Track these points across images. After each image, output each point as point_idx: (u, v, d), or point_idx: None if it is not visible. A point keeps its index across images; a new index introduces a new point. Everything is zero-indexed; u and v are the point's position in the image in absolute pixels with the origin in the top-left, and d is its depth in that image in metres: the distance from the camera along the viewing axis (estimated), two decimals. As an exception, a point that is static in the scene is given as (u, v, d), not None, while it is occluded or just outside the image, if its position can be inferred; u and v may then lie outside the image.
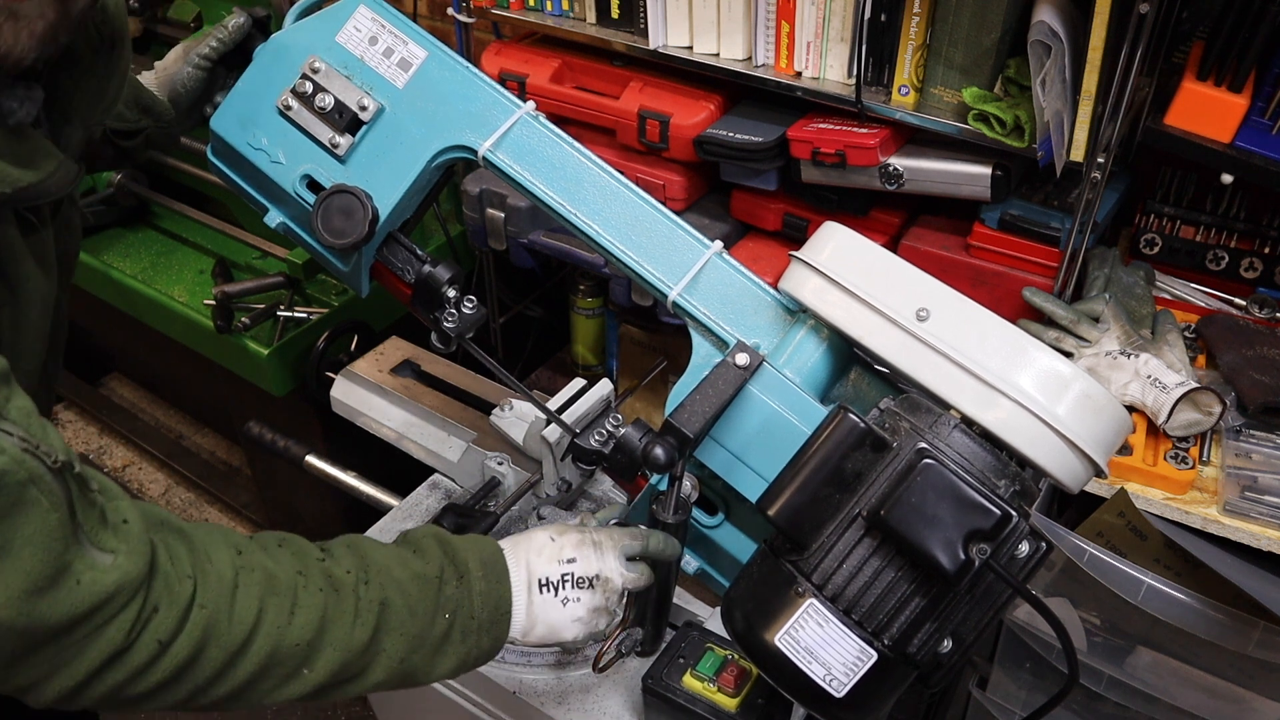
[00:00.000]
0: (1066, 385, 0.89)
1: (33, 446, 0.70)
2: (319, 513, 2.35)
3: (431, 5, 2.46)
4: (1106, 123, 1.33)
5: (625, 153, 1.83)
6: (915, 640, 0.87)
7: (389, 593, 0.90)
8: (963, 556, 0.83)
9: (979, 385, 0.90)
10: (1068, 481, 0.91)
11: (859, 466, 0.92)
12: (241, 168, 1.30)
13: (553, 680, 1.30)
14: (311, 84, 1.21)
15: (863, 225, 1.71)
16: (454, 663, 0.95)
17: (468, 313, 1.26)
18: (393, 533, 1.51)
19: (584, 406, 1.40)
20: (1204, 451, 1.33)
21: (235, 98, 1.26)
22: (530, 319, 2.37)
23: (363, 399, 1.65)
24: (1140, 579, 1.24)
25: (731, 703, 1.16)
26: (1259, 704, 1.29)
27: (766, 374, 1.07)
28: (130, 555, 0.76)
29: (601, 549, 1.03)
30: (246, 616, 0.81)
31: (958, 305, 0.94)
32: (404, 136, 1.20)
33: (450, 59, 1.21)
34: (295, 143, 1.23)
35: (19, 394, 0.74)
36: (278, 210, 1.29)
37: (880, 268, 0.99)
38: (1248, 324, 1.50)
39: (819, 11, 1.54)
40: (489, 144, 1.18)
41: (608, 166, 1.19)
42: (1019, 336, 0.91)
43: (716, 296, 1.13)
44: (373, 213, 1.17)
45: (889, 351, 0.96)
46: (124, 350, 3.00)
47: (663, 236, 1.16)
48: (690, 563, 1.27)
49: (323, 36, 1.23)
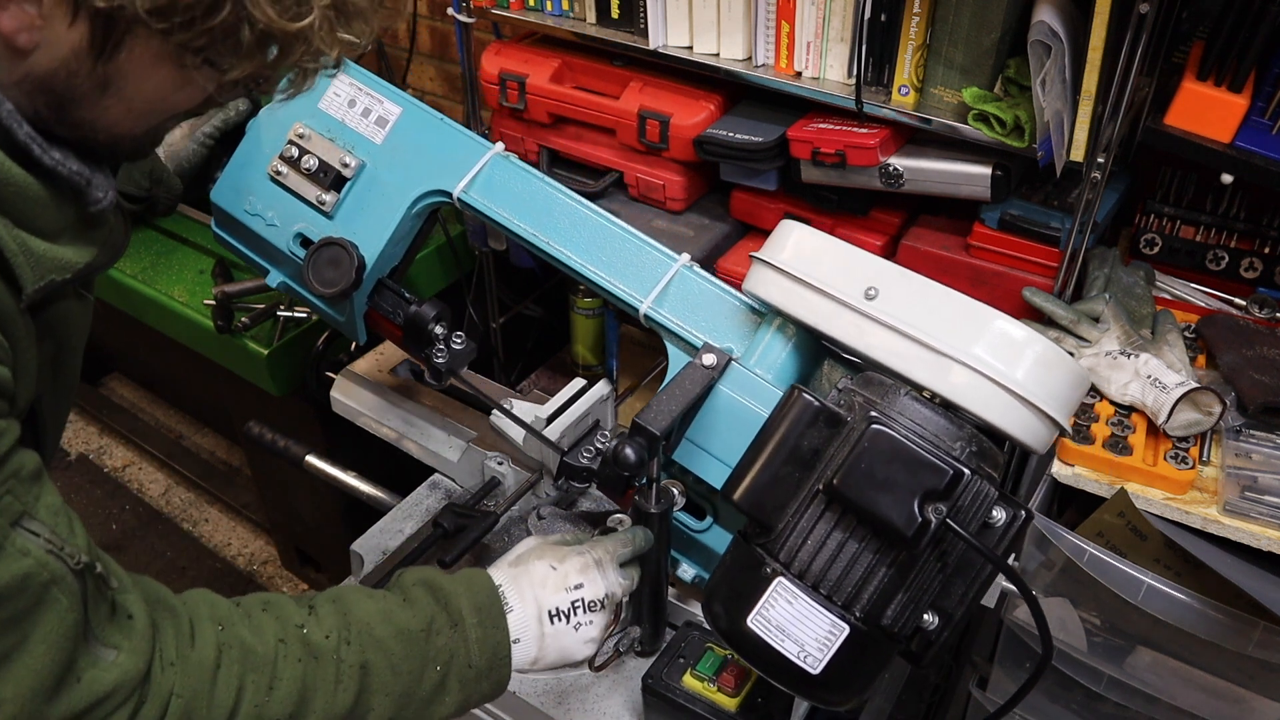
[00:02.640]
0: (1019, 348, 0.90)
1: (58, 548, 0.72)
2: (319, 513, 2.35)
3: (431, 5, 2.47)
4: (1106, 123, 1.33)
5: (625, 153, 1.83)
6: (889, 612, 0.88)
7: (369, 654, 0.89)
8: (919, 518, 0.83)
9: (931, 355, 0.91)
10: (1031, 442, 0.92)
11: (816, 444, 0.93)
12: (242, 234, 1.39)
13: (552, 680, 1.30)
14: (298, 149, 1.30)
15: (863, 225, 1.71)
16: (452, 709, 0.94)
17: (457, 349, 1.32)
18: (393, 532, 1.52)
19: (580, 409, 1.40)
20: (1204, 451, 1.33)
21: (231, 169, 1.35)
22: (530, 319, 2.37)
23: (363, 399, 1.65)
24: (1140, 579, 1.24)
25: (731, 703, 1.16)
26: (1259, 704, 1.29)
27: (737, 373, 1.10)
28: (132, 653, 0.77)
29: (603, 567, 1.03)
30: (226, 699, 0.81)
31: (905, 281, 0.96)
32: (384, 187, 1.28)
33: (423, 111, 1.30)
34: (286, 205, 1.32)
35: (49, 491, 0.75)
36: (278, 271, 1.38)
37: (830, 255, 1.01)
38: (1248, 324, 1.50)
39: (819, 11, 1.54)
40: (462, 185, 1.25)
41: (574, 194, 1.25)
42: (969, 304, 0.92)
43: (686, 306, 1.17)
44: (359, 261, 1.24)
45: (843, 333, 0.98)
46: (124, 350, 3.00)
47: (631, 254, 1.21)
48: (687, 570, 1.28)
49: (306, 105, 1.32)
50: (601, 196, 1.88)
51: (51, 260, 0.79)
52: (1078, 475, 1.32)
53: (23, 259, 0.76)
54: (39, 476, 0.74)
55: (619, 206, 1.86)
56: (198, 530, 2.88)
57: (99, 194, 0.84)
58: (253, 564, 2.78)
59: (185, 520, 2.91)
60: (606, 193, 1.88)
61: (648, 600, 1.19)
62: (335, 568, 2.52)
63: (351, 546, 1.51)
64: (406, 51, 2.46)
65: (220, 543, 2.85)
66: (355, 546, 1.51)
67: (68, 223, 0.83)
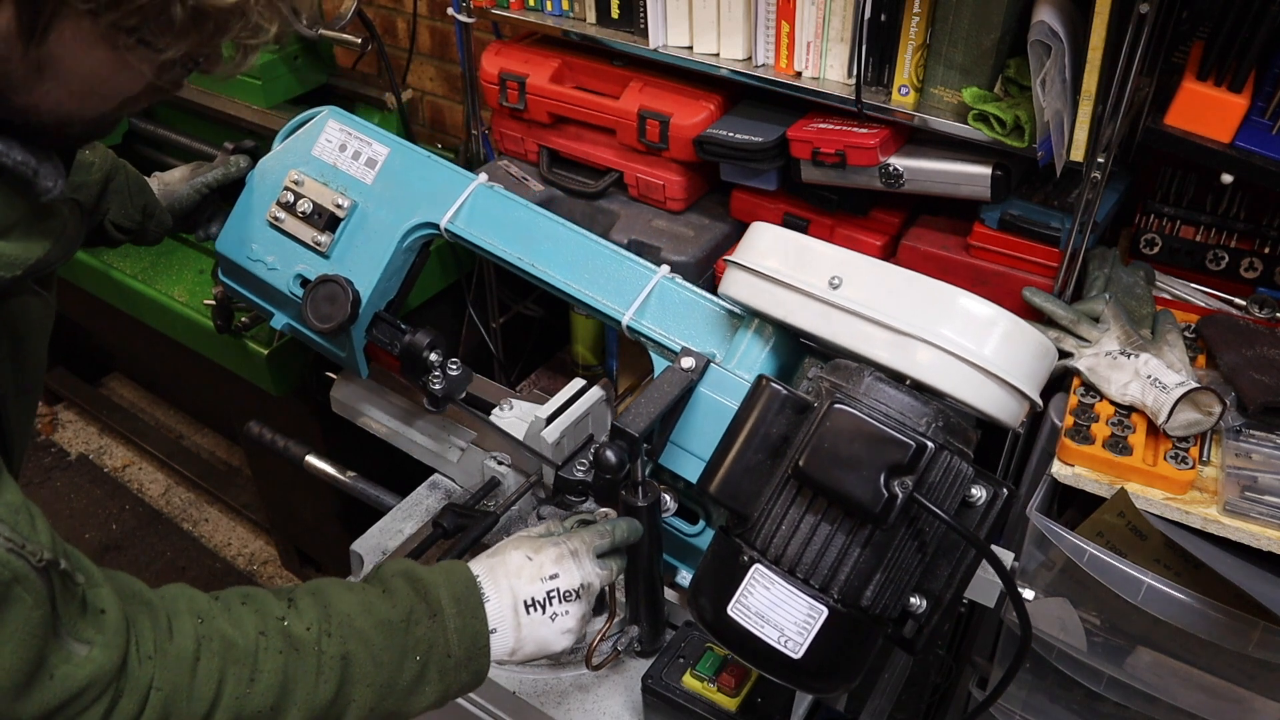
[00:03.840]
0: (983, 324, 0.90)
1: (19, 546, 0.70)
2: (319, 513, 2.35)
3: (431, 5, 2.47)
4: (1106, 123, 1.33)
5: (625, 153, 1.83)
6: (868, 592, 0.88)
7: (350, 646, 0.89)
8: (885, 492, 0.83)
9: (895, 337, 0.92)
10: (1002, 416, 0.93)
11: (785, 431, 0.94)
12: (246, 280, 1.46)
13: (553, 680, 1.30)
14: (293, 194, 1.37)
15: (863, 225, 1.71)
16: (432, 699, 0.94)
17: (453, 375, 1.38)
18: (393, 532, 1.52)
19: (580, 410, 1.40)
20: (1204, 451, 1.32)
21: (233, 219, 1.42)
22: (530, 319, 2.37)
23: (362, 399, 1.65)
24: (1140, 579, 1.24)
25: (731, 703, 1.16)
26: (1259, 704, 1.29)
27: (718, 375, 1.12)
28: (105, 647, 0.76)
29: (579, 557, 1.03)
30: (206, 692, 0.81)
31: (868, 268, 0.97)
32: (376, 224, 1.34)
33: (409, 150, 1.36)
34: (285, 248, 1.38)
35: (9, 488, 0.74)
36: (281, 313, 1.45)
37: (794, 250, 1.02)
38: (1248, 324, 1.50)
39: (819, 11, 1.54)
40: (448, 217, 1.31)
41: (554, 216, 1.30)
42: (931, 285, 0.93)
43: (667, 315, 1.21)
44: (354, 295, 1.30)
45: (811, 324, 0.99)
46: (124, 350, 3.00)
47: (612, 269, 1.25)
48: (685, 576, 1.28)
49: (301, 153, 1.39)
50: (601, 196, 1.88)
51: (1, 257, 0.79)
52: (1078, 475, 1.32)
53: None
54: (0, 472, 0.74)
55: (619, 206, 1.86)
56: (198, 530, 2.88)
57: (48, 183, 0.82)
58: (253, 564, 2.78)
59: (185, 520, 2.91)
60: (606, 193, 1.88)
61: (644, 599, 1.19)
62: (335, 568, 2.52)
63: (351, 546, 1.51)
64: (406, 51, 2.46)
65: (220, 543, 2.85)
66: (355, 546, 1.51)
67: (18, 217, 0.82)
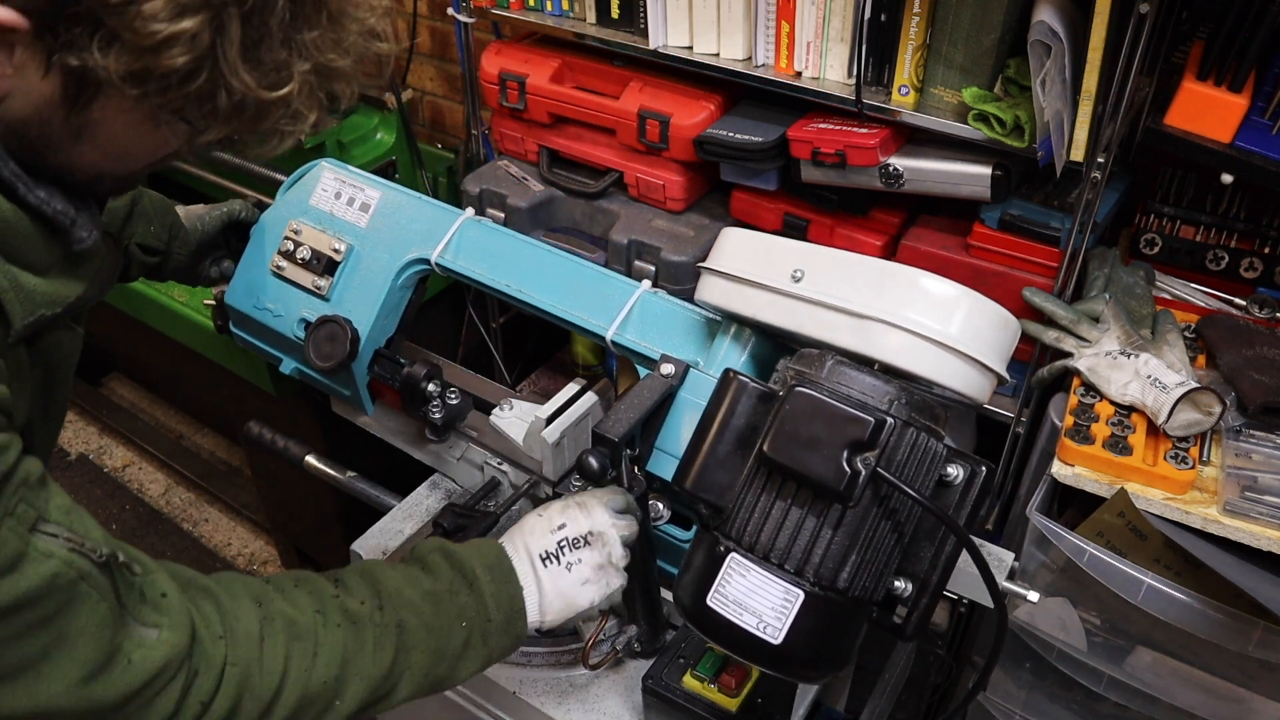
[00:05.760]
0: (944, 302, 0.91)
1: (79, 545, 0.74)
2: (319, 513, 2.35)
3: (431, 5, 2.46)
4: (1106, 123, 1.33)
5: (625, 153, 1.83)
6: (844, 574, 0.88)
7: (403, 614, 0.94)
8: (848, 470, 0.84)
9: (857, 321, 0.93)
10: (971, 393, 0.93)
11: (754, 421, 0.95)
12: (255, 330, 1.51)
13: (553, 680, 1.30)
14: (293, 243, 1.43)
15: (863, 225, 1.71)
16: (478, 665, 0.99)
17: (452, 404, 1.43)
18: (393, 533, 1.52)
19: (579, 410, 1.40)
20: (1204, 451, 1.33)
21: (240, 272, 1.48)
22: (530, 319, 2.37)
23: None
24: (1140, 579, 1.24)
25: (731, 703, 1.16)
26: (1259, 704, 1.29)
27: (698, 380, 1.15)
28: (173, 628, 0.80)
29: (587, 507, 1.05)
30: (275, 667, 0.85)
31: (828, 258, 0.98)
32: (371, 264, 1.39)
33: (399, 192, 1.42)
34: (288, 295, 1.44)
35: (57, 493, 0.77)
36: (289, 359, 1.50)
37: (762, 250, 1.04)
38: (1248, 324, 1.50)
39: (819, 11, 1.54)
40: (438, 251, 1.36)
41: (537, 241, 1.36)
42: (889, 267, 0.94)
43: (649, 327, 1.23)
44: (353, 334, 1.35)
45: (777, 318, 1.01)
46: (124, 350, 3.00)
47: (594, 287, 1.28)
48: None
49: (300, 203, 1.45)
50: (601, 196, 1.88)
51: (41, 295, 0.82)
52: (1078, 475, 1.32)
53: (13, 295, 0.78)
54: (45, 481, 0.77)
55: (619, 207, 1.86)
56: (198, 530, 2.88)
57: (83, 234, 0.85)
58: (253, 564, 2.78)
59: (185, 520, 2.91)
60: (606, 193, 1.88)
61: (641, 599, 1.19)
62: (335, 568, 2.52)
63: (351, 546, 1.51)
64: (406, 51, 2.46)
65: (220, 543, 2.85)
66: (355, 546, 1.51)
67: (56, 258, 0.84)
